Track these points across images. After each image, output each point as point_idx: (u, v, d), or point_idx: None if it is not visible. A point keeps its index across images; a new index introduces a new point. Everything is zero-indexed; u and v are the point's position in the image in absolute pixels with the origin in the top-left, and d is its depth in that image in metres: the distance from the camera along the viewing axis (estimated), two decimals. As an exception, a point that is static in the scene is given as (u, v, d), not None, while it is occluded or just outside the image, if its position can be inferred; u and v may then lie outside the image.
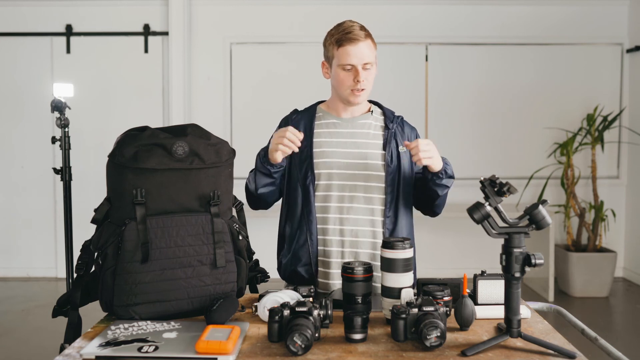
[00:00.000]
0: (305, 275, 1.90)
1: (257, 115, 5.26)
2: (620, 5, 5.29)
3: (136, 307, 1.53)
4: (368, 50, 1.84)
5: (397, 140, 1.92)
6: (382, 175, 1.88)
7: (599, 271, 4.74)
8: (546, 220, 1.39)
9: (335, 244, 1.88)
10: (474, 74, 5.31)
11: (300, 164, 1.90)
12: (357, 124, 1.93)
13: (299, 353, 1.30)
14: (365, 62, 1.83)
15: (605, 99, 5.25)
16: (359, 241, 1.88)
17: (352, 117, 1.94)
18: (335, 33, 1.86)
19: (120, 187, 1.55)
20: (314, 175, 1.88)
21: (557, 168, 5.13)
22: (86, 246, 1.63)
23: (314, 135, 1.92)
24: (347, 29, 1.83)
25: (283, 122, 2.00)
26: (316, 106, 2.01)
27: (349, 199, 1.88)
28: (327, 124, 1.94)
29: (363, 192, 1.88)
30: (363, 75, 1.83)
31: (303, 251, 1.90)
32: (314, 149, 1.90)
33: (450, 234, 5.28)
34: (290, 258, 1.93)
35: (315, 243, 1.89)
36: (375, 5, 5.23)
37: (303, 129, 1.91)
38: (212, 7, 5.32)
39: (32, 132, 5.29)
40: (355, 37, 1.81)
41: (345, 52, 1.82)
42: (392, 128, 1.93)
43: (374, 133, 1.93)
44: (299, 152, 1.86)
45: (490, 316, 1.57)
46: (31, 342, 3.77)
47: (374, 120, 1.95)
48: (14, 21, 5.28)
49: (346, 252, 1.88)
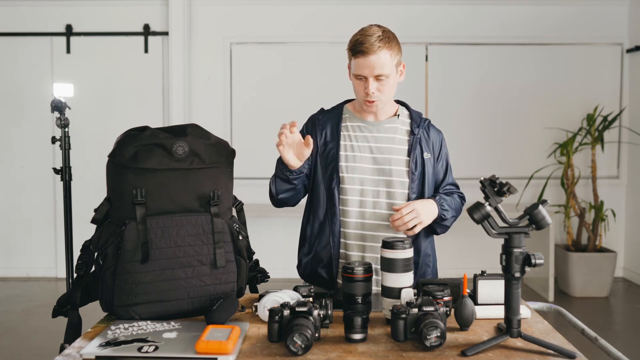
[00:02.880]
0: (326, 276, 1.90)
1: (257, 115, 5.26)
2: (620, 5, 5.29)
3: (136, 307, 1.53)
4: (382, 62, 1.77)
5: (422, 146, 1.90)
6: (405, 182, 1.86)
7: (599, 271, 4.74)
8: (546, 220, 1.39)
9: (356, 248, 1.88)
10: (474, 74, 5.31)
11: (325, 166, 1.88)
12: (383, 128, 1.90)
13: (299, 353, 1.30)
14: (377, 74, 1.78)
15: (605, 99, 5.25)
16: (379, 247, 1.87)
17: (378, 120, 1.91)
18: (353, 40, 1.82)
19: (120, 187, 1.55)
20: (339, 178, 1.86)
21: (557, 168, 5.13)
22: (86, 246, 1.63)
23: (340, 138, 1.89)
24: (362, 39, 1.78)
25: (310, 120, 1.97)
26: (343, 106, 1.98)
27: (371, 205, 1.87)
28: (354, 126, 1.91)
29: (386, 198, 1.87)
30: (373, 87, 1.79)
31: (325, 253, 1.89)
32: (341, 152, 1.88)
33: (450, 234, 5.25)
34: (312, 259, 1.92)
35: (337, 245, 1.88)
36: (375, 5, 5.23)
37: (330, 130, 1.90)
38: (212, 7, 5.32)
39: (32, 132, 5.29)
40: (367, 50, 1.76)
41: (357, 62, 1.79)
42: (417, 134, 1.90)
43: (400, 138, 1.90)
44: (325, 153, 1.86)
45: (490, 316, 1.57)
46: (31, 342, 3.77)
47: (401, 124, 1.92)
48: (14, 21, 5.28)
49: (367, 257, 1.87)
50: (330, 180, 1.87)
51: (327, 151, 1.88)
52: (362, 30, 1.83)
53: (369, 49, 1.76)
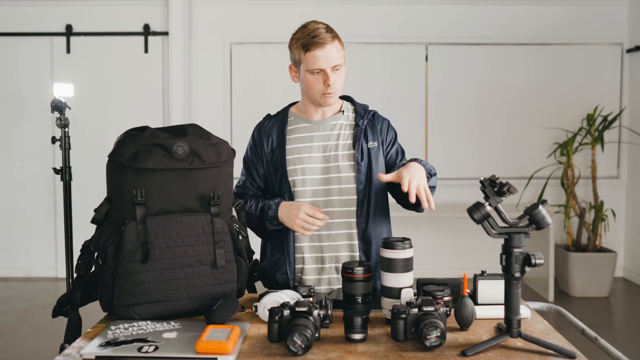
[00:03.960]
0: (281, 283, 1.88)
1: (257, 115, 5.18)
2: (620, 5, 5.29)
3: (136, 307, 1.53)
4: (336, 52, 1.79)
5: (367, 137, 1.89)
6: (352, 176, 1.86)
7: (599, 271, 4.74)
8: (546, 220, 1.39)
9: (312, 250, 1.88)
10: (474, 74, 5.31)
11: (274, 172, 1.88)
12: (328, 126, 1.90)
13: (299, 353, 1.30)
14: (333, 65, 1.79)
15: (605, 99, 5.25)
16: (337, 245, 1.87)
17: (324, 118, 1.92)
18: (301, 37, 1.82)
19: (120, 187, 1.55)
20: (288, 183, 1.86)
21: (557, 168, 5.13)
22: (86, 246, 1.63)
23: (286, 142, 1.89)
24: (313, 32, 1.78)
25: (256, 128, 1.98)
26: (288, 109, 1.98)
27: (323, 204, 1.86)
28: (299, 128, 1.91)
29: (338, 195, 1.86)
30: (333, 78, 1.79)
31: (282, 260, 1.88)
32: (287, 156, 1.87)
33: (450, 234, 5.28)
34: (269, 266, 1.92)
35: (293, 250, 1.87)
36: (375, 5, 5.23)
37: (275, 135, 1.90)
38: (212, 7, 5.32)
39: (32, 132, 5.29)
40: (321, 41, 1.77)
41: (313, 56, 1.78)
42: (361, 125, 1.89)
43: (344, 133, 1.90)
44: (273, 160, 1.86)
45: (490, 316, 1.57)
46: (31, 342, 3.77)
47: (345, 120, 1.92)
48: (14, 21, 5.28)
49: (326, 256, 1.87)
50: (280, 186, 1.87)
51: (274, 158, 1.88)
52: (305, 26, 1.83)
53: (324, 40, 1.77)
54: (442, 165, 4.11)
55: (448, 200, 4.94)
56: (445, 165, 5.07)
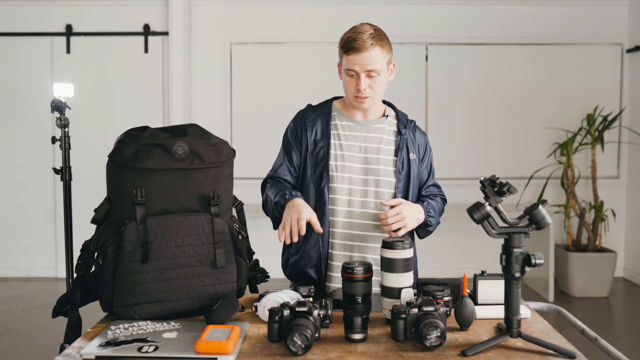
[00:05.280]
0: (315, 276, 1.88)
1: (257, 115, 5.26)
2: (620, 5, 5.29)
3: (136, 307, 1.53)
4: (374, 58, 1.80)
5: (408, 147, 1.91)
6: (392, 182, 1.87)
7: (599, 271, 4.74)
8: (546, 220, 1.39)
9: (343, 248, 1.87)
10: (474, 74, 5.31)
11: (315, 164, 1.88)
12: (371, 129, 1.91)
13: (299, 353, 1.30)
14: (369, 70, 1.80)
15: (605, 99, 5.25)
16: (367, 246, 1.87)
17: (366, 120, 1.93)
18: (344, 37, 1.84)
19: (120, 187, 1.55)
20: (329, 177, 1.86)
21: (557, 168, 5.13)
22: (86, 246, 1.63)
23: (330, 137, 1.89)
24: (355, 36, 1.80)
25: (298, 116, 1.97)
26: (331, 103, 1.98)
27: (359, 204, 1.87)
28: (343, 125, 1.92)
29: (374, 198, 1.87)
30: (365, 83, 1.81)
31: (314, 252, 1.87)
32: (331, 151, 1.88)
33: (450, 234, 5.28)
34: (299, 258, 1.90)
35: (327, 245, 1.87)
36: (375, 5, 5.23)
37: (320, 127, 1.90)
38: (212, 7, 5.32)
39: (32, 132, 5.29)
40: (359, 47, 1.78)
41: (349, 59, 1.81)
42: (404, 134, 1.92)
43: (387, 138, 1.91)
44: (315, 152, 1.86)
45: (490, 316, 1.57)
46: (31, 342, 3.77)
47: (388, 125, 1.93)
48: (14, 21, 5.28)
49: (355, 256, 1.87)
50: (320, 179, 1.87)
51: (317, 149, 1.88)
52: (354, 28, 1.84)
53: (362, 46, 1.78)
54: (442, 165, 4.11)
55: (448, 200, 4.92)
56: (445, 165, 5.06)
